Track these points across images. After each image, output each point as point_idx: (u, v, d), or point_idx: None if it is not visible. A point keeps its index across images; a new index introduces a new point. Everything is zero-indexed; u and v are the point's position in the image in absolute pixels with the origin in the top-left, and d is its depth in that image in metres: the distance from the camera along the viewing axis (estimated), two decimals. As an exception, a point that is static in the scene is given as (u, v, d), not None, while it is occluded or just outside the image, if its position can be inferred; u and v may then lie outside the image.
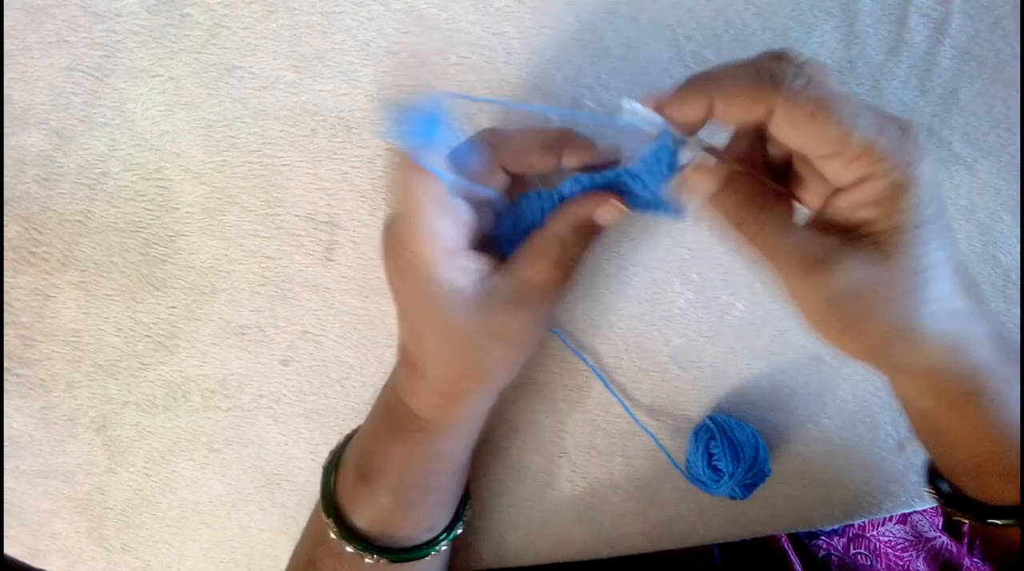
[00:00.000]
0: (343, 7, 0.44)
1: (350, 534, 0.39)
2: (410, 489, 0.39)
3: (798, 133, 0.29)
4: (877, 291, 0.30)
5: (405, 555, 0.40)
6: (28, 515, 0.48)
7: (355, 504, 0.40)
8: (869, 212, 0.30)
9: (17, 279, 0.46)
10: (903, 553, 0.53)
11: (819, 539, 0.53)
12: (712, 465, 0.44)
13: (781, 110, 0.29)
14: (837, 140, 0.28)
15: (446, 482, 0.41)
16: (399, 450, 0.39)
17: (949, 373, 0.32)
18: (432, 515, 0.41)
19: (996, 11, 0.45)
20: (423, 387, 0.37)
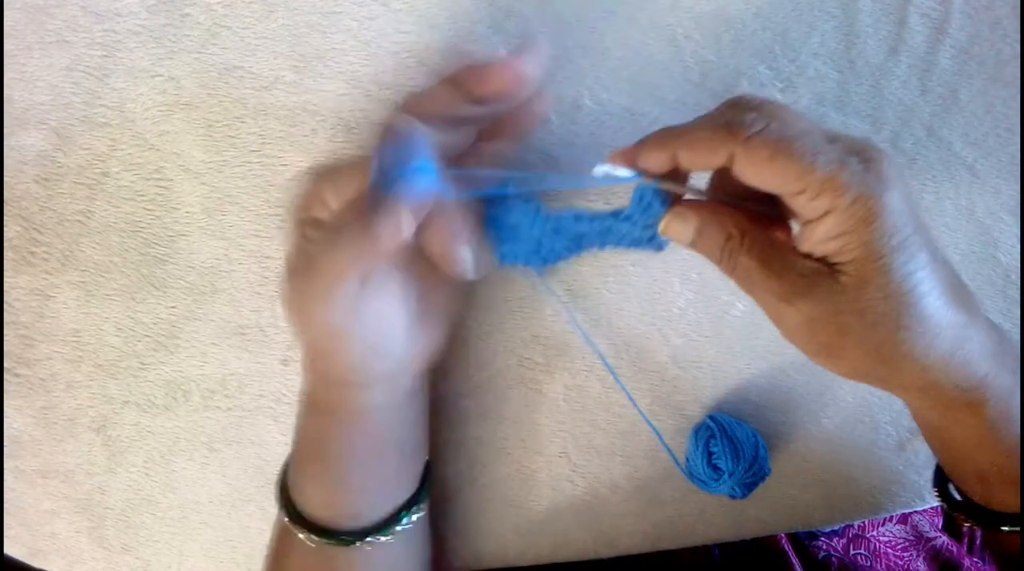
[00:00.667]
0: (343, 7, 0.44)
1: (300, 520, 0.40)
2: (318, 472, 0.40)
3: (760, 175, 0.30)
4: (855, 318, 0.31)
5: (328, 539, 0.40)
6: (28, 515, 0.48)
7: (296, 488, 0.41)
8: (839, 243, 0.30)
9: (17, 279, 0.46)
10: (903, 553, 0.53)
11: (819, 540, 0.53)
12: (712, 464, 0.44)
13: (740, 155, 0.30)
14: (797, 178, 0.29)
15: (349, 469, 0.40)
16: (311, 421, 0.40)
17: (948, 388, 0.32)
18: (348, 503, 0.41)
19: (996, 11, 0.45)
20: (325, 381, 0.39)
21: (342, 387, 0.38)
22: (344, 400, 0.39)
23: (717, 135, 0.30)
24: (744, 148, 0.30)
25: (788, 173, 0.29)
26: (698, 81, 0.45)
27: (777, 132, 0.30)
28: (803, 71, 0.45)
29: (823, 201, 0.29)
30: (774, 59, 0.45)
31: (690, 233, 0.34)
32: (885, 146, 0.46)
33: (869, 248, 0.30)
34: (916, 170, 0.46)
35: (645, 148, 0.33)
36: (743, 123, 0.30)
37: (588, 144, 0.45)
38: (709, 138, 0.31)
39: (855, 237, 0.30)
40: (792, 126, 0.30)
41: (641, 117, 0.45)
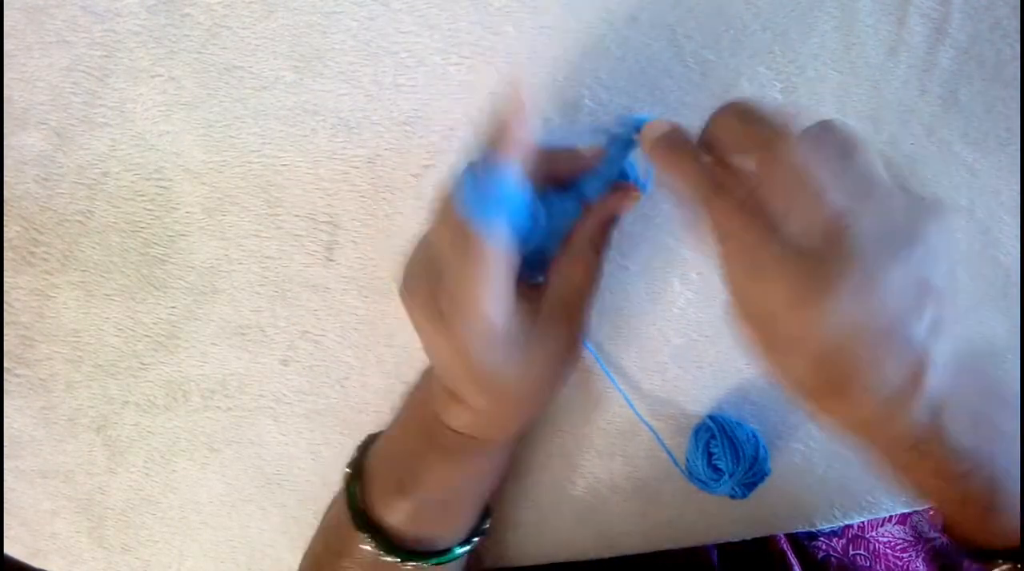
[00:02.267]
0: (343, 7, 0.44)
1: (383, 540, 0.39)
2: (451, 502, 0.40)
3: None
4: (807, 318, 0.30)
5: (443, 558, 0.40)
6: (28, 515, 0.48)
7: (388, 513, 0.39)
8: None
9: (17, 279, 0.46)
10: (902, 554, 0.53)
11: (818, 540, 0.53)
12: (712, 464, 0.44)
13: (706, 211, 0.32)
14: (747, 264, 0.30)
15: (477, 493, 0.42)
16: (444, 468, 0.39)
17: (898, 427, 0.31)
18: (470, 519, 0.42)
19: (996, 11, 0.45)
20: (469, 413, 0.37)
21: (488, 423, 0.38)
22: (512, 437, 0.40)
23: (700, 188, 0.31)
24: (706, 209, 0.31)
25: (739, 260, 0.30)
26: (698, 81, 0.45)
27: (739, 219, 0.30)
28: (803, 71, 0.45)
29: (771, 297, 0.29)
30: (774, 59, 0.45)
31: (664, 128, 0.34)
32: (885, 147, 0.46)
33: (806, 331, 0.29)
34: (916, 170, 0.46)
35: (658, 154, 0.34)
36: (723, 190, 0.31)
37: (588, 144, 0.45)
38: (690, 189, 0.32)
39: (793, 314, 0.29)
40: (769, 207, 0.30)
41: (641, 117, 0.45)
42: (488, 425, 0.38)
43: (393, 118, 0.45)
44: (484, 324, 0.33)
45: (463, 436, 0.38)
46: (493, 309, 0.32)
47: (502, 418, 0.38)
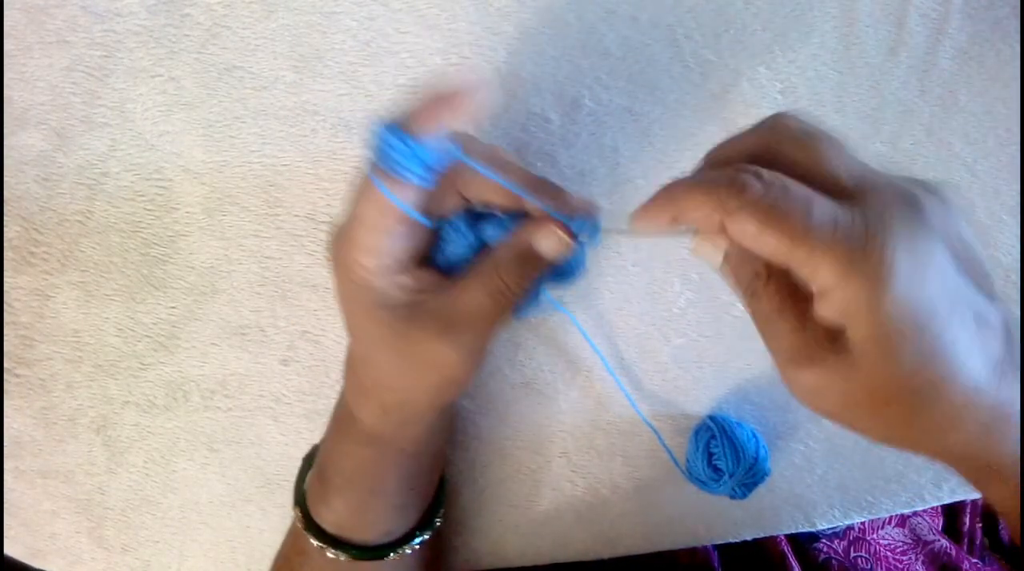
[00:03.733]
0: (343, 7, 0.44)
1: (315, 529, 0.40)
2: (360, 492, 0.40)
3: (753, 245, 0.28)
4: (862, 396, 0.28)
5: (362, 554, 0.40)
6: (28, 515, 0.48)
7: (316, 502, 0.41)
8: (844, 319, 0.27)
9: (17, 279, 0.46)
10: (902, 556, 0.53)
11: (819, 542, 0.53)
12: (712, 464, 0.44)
13: (728, 226, 0.28)
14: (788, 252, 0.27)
15: (397, 488, 0.41)
16: (349, 455, 0.40)
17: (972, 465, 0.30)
18: (386, 520, 0.41)
19: (996, 11, 0.45)
20: (363, 397, 0.38)
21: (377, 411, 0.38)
22: (403, 429, 0.39)
23: (709, 202, 0.28)
24: (731, 221, 0.27)
25: (778, 247, 0.27)
26: (698, 81, 0.45)
27: (771, 199, 0.27)
28: (803, 71, 0.45)
29: (820, 278, 0.26)
30: (774, 59, 0.45)
31: (718, 258, 0.31)
32: (885, 147, 0.46)
33: (878, 331, 0.26)
34: (916, 170, 0.46)
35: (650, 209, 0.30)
36: (733, 186, 0.27)
37: (588, 144, 0.45)
38: (702, 204, 0.28)
39: (860, 318, 0.26)
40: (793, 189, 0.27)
41: (641, 117, 0.45)
42: (374, 410, 0.37)
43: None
44: (358, 267, 0.32)
45: (361, 425, 0.38)
46: (367, 253, 0.32)
47: (382, 400, 0.37)
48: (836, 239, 0.26)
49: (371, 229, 0.32)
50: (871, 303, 0.26)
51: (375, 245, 0.32)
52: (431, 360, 0.34)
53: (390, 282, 0.33)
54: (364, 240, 0.32)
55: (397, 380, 0.35)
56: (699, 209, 0.28)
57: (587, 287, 0.46)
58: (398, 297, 0.33)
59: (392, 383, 0.36)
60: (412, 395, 0.37)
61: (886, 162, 0.46)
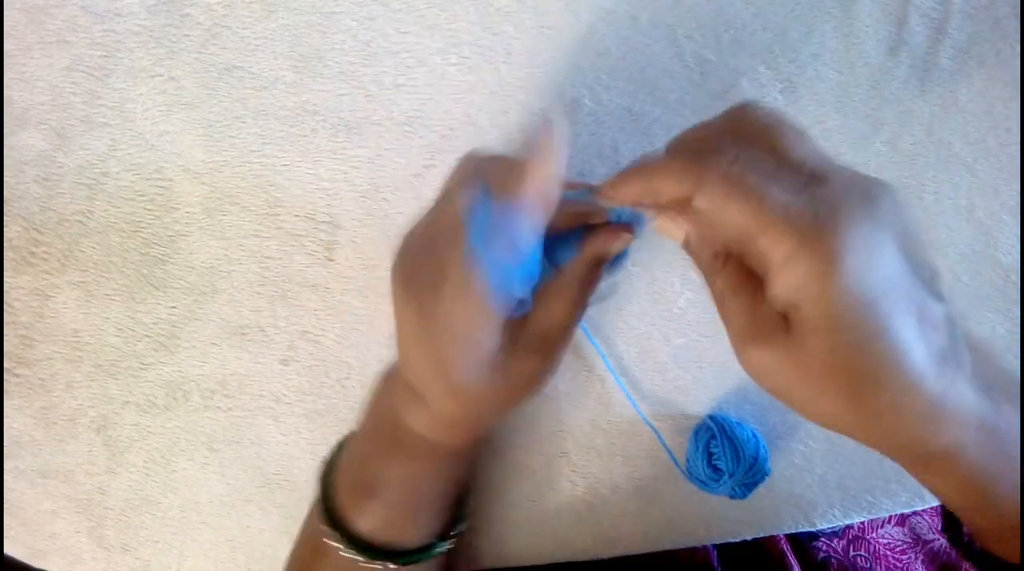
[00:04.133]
0: (343, 7, 0.44)
1: (352, 542, 0.39)
2: (416, 503, 0.40)
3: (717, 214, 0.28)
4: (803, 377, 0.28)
5: (411, 558, 0.40)
6: (28, 515, 0.48)
7: (357, 515, 0.40)
8: (794, 298, 0.28)
9: (17, 279, 0.46)
10: (902, 555, 0.53)
11: (819, 541, 0.53)
12: (712, 464, 0.44)
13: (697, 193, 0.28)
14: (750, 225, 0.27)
15: (451, 492, 0.42)
16: (405, 469, 0.39)
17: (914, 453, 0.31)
18: (436, 522, 0.42)
19: (996, 11, 0.45)
20: (428, 415, 0.37)
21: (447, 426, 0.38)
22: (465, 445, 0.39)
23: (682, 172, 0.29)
24: (701, 190, 0.28)
25: (743, 217, 0.27)
26: (698, 81, 0.45)
27: (739, 170, 0.28)
28: (803, 71, 0.45)
29: (777, 251, 0.27)
30: (774, 59, 0.45)
31: (680, 235, 0.33)
32: (885, 147, 0.46)
33: (824, 313, 0.27)
34: (916, 170, 0.46)
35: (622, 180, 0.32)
36: (705, 157, 0.28)
37: (588, 144, 0.45)
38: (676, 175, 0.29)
39: (810, 297, 0.27)
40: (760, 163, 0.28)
41: (641, 117, 0.45)
42: (446, 430, 0.38)
43: (393, 118, 0.45)
44: (472, 348, 0.33)
45: (422, 439, 0.38)
46: (483, 338, 0.33)
47: (460, 426, 0.38)
48: (794, 216, 0.27)
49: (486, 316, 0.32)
50: (822, 281, 0.26)
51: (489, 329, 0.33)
52: (528, 381, 0.35)
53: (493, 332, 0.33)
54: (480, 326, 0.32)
55: (490, 405, 0.36)
56: (669, 179, 0.30)
57: (587, 287, 0.46)
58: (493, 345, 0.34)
59: (485, 408, 0.36)
60: (485, 418, 0.38)
61: (886, 162, 0.46)
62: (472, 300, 0.31)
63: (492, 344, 0.33)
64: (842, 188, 0.28)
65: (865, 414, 0.29)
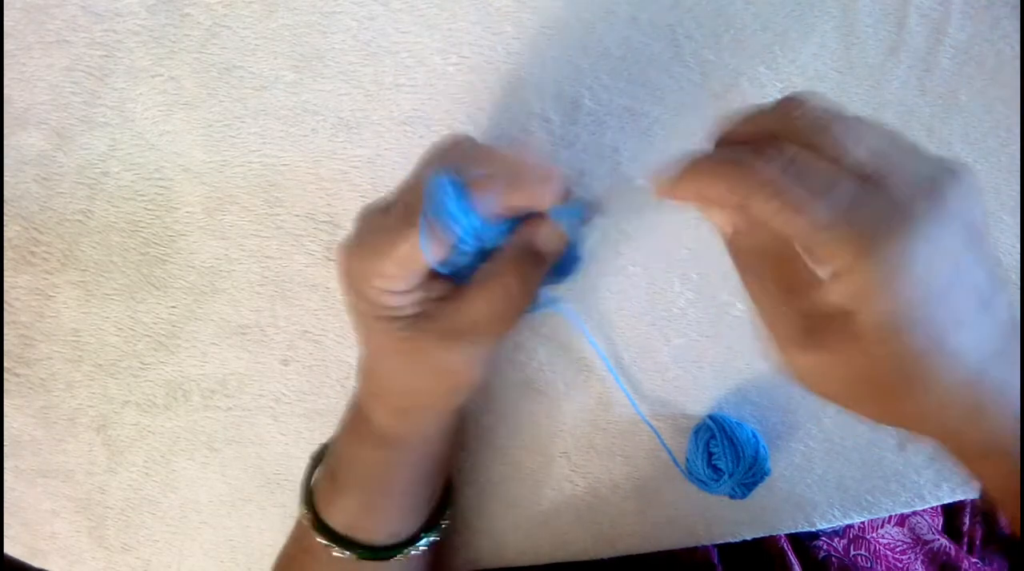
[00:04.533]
0: (343, 7, 0.44)
1: (322, 528, 0.40)
2: (371, 493, 0.40)
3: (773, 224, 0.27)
4: (862, 378, 0.28)
5: (370, 554, 0.40)
6: (28, 515, 0.48)
7: (327, 502, 0.41)
8: (853, 304, 0.27)
9: (17, 279, 0.46)
10: (902, 555, 0.53)
11: (819, 540, 0.53)
12: (712, 464, 0.44)
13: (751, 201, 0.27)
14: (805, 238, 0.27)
15: (405, 490, 0.41)
16: (361, 456, 0.40)
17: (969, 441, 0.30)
18: (395, 520, 0.41)
19: (996, 11, 0.45)
20: (376, 400, 0.39)
21: (392, 413, 0.38)
22: (415, 431, 0.39)
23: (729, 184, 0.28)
24: (752, 200, 0.27)
25: (796, 230, 0.26)
26: (698, 81, 0.45)
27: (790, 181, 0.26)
28: (803, 71, 0.45)
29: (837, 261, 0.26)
30: (774, 59, 0.45)
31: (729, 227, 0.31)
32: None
33: (886, 318, 0.26)
34: (916, 170, 0.46)
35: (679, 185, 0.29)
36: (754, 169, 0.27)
37: (588, 144, 0.45)
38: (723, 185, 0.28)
39: (871, 303, 0.26)
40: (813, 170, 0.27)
41: (641, 117, 0.45)
42: (389, 412, 0.38)
43: (393, 118, 0.45)
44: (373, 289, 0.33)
45: (375, 426, 0.39)
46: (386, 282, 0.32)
47: (396, 405, 0.38)
48: (855, 224, 0.26)
49: (398, 266, 0.32)
50: (882, 292, 0.25)
51: (397, 279, 0.33)
52: (440, 368, 0.35)
53: (402, 300, 0.34)
54: (387, 271, 0.32)
55: (407, 386, 0.37)
56: (721, 187, 0.28)
57: (587, 287, 0.46)
58: (406, 311, 0.34)
59: (403, 389, 0.37)
60: (422, 400, 0.38)
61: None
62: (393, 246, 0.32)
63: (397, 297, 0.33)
64: (906, 188, 0.26)
65: (920, 412, 0.28)
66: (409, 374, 0.36)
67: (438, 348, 0.34)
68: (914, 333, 0.26)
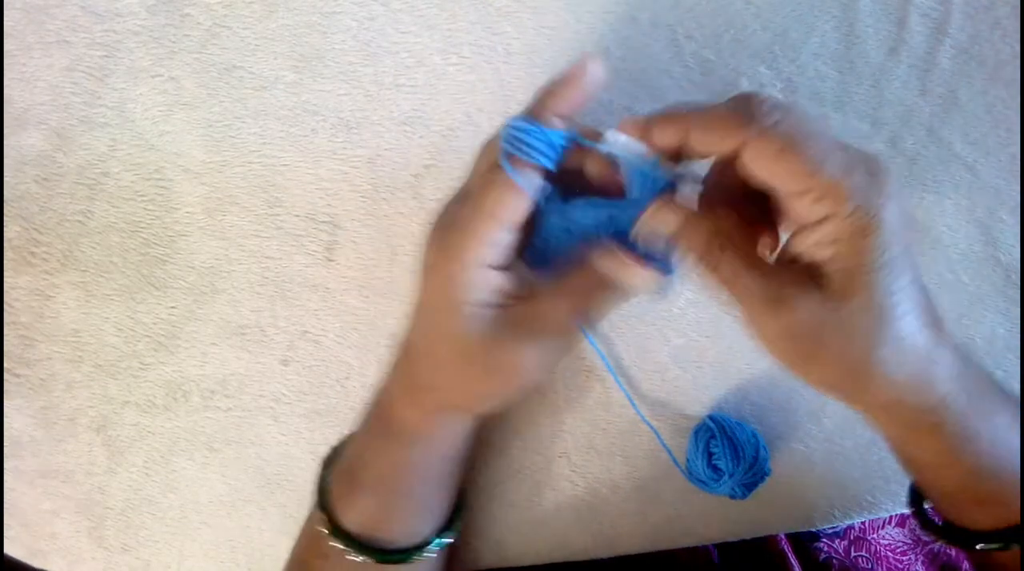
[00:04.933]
0: (343, 7, 0.44)
1: (338, 531, 0.40)
2: (392, 493, 0.40)
3: (767, 169, 0.30)
4: (834, 330, 0.30)
5: (389, 557, 0.40)
6: (28, 515, 0.48)
7: (343, 504, 0.40)
8: (831, 250, 0.30)
9: (17, 279, 0.46)
10: (903, 556, 0.53)
11: (820, 541, 0.53)
12: (712, 464, 0.44)
13: (752, 145, 0.29)
14: (803, 177, 0.29)
15: (426, 490, 0.41)
16: (382, 455, 0.40)
17: (910, 407, 0.33)
18: (414, 521, 0.41)
19: (996, 11, 0.45)
20: (413, 396, 0.38)
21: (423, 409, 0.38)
22: (445, 432, 0.39)
23: (733, 119, 0.30)
24: (757, 137, 0.29)
25: (795, 171, 0.29)
26: (698, 81, 0.45)
27: (790, 128, 0.29)
28: (803, 71, 0.45)
29: (824, 205, 0.29)
30: (774, 59, 0.45)
31: (673, 223, 0.33)
32: (885, 146, 0.46)
33: (860, 260, 0.29)
34: (916, 170, 0.46)
35: (660, 121, 0.32)
36: (759, 113, 0.29)
37: (588, 144, 0.45)
38: (724, 121, 0.30)
39: (849, 247, 0.29)
40: (805, 127, 0.30)
41: (641, 117, 0.45)
42: (420, 408, 0.38)
43: (393, 118, 0.45)
44: (465, 261, 0.33)
45: (399, 424, 0.38)
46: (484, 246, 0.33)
47: (435, 400, 0.37)
48: (846, 174, 0.29)
49: (497, 219, 0.32)
50: (860, 240, 0.29)
51: (494, 238, 0.33)
52: (505, 366, 0.34)
53: (490, 281, 0.33)
54: (486, 229, 0.32)
55: (459, 383, 0.36)
56: (715, 131, 0.30)
57: (587, 287, 0.46)
58: (492, 299, 0.34)
59: (452, 384, 0.36)
60: (467, 400, 0.37)
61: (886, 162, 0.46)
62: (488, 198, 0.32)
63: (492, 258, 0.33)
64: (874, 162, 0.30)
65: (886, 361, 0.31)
66: (467, 370, 0.35)
67: (510, 344, 0.34)
68: (875, 290, 0.29)
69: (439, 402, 0.37)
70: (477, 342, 0.34)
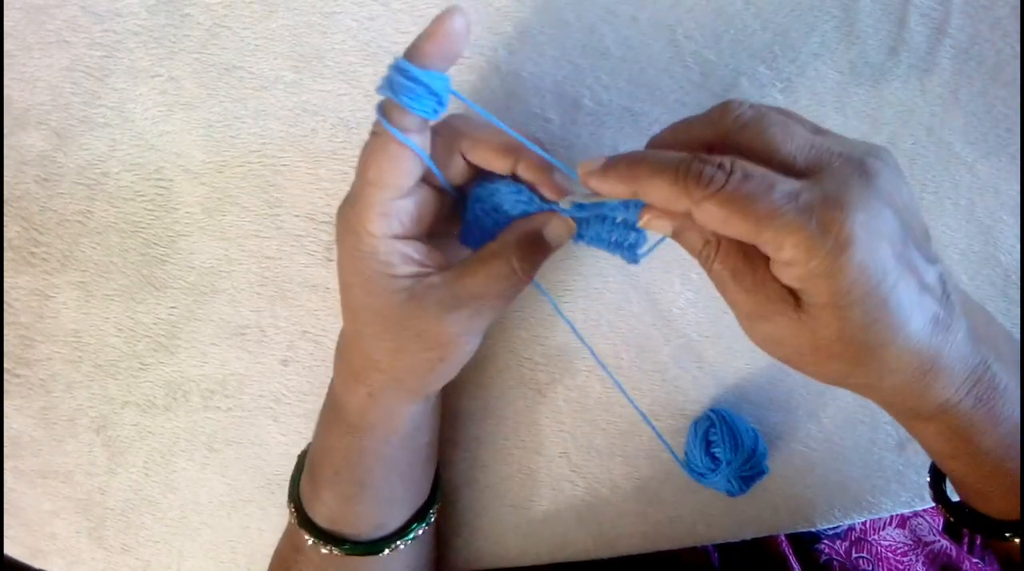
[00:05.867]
0: (343, 7, 0.44)
1: (307, 523, 0.40)
2: (346, 484, 0.40)
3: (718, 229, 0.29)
4: (812, 351, 0.30)
5: (356, 548, 0.40)
6: (28, 515, 0.48)
7: (309, 497, 0.41)
8: (799, 285, 0.29)
9: (17, 279, 0.46)
10: (903, 557, 0.52)
11: (821, 543, 0.53)
12: (710, 453, 0.44)
13: (697, 212, 0.29)
14: (753, 235, 0.28)
15: (387, 481, 0.41)
16: (334, 445, 0.40)
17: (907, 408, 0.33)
18: (377, 512, 0.41)
19: (996, 11, 0.45)
20: (352, 379, 0.38)
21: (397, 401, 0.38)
22: (389, 415, 0.39)
23: (675, 191, 0.29)
24: (698, 210, 0.29)
25: (744, 232, 0.28)
26: (698, 81, 0.45)
27: (734, 190, 0.28)
28: (803, 71, 0.45)
29: (784, 253, 0.28)
30: (774, 59, 0.45)
31: (668, 229, 0.33)
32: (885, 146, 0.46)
33: (829, 299, 0.28)
34: (916, 170, 0.46)
35: (609, 176, 0.31)
36: (702, 181, 0.29)
37: (588, 144, 0.45)
38: (667, 191, 0.30)
39: (814, 286, 0.28)
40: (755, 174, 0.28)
41: (641, 117, 0.45)
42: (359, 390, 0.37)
43: (393, 118, 0.45)
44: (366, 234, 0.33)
45: (344, 411, 0.39)
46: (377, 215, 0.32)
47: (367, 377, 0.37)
48: (797, 218, 0.27)
49: (382, 185, 0.32)
50: (830, 274, 0.28)
51: (385, 204, 0.32)
52: (429, 337, 0.34)
53: (396, 251, 0.33)
54: (374, 199, 0.32)
55: (389, 358, 0.35)
56: (663, 193, 0.30)
57: (587, 287, 0.46)
58: (402, 270, 0.34)
59: (383, 361, 0.36)
60: (401, 376, 0.36)
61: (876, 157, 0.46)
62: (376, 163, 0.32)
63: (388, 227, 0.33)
64: (839, 176, 0.29)
65: (865, 377, 0.31)
66: (391, 345, 0.35)
67: (430, 315, 0.34)
68: (856, 311, 0.28)
69: (378, 383, 0.37)
70: (396, 313, 0.34)
